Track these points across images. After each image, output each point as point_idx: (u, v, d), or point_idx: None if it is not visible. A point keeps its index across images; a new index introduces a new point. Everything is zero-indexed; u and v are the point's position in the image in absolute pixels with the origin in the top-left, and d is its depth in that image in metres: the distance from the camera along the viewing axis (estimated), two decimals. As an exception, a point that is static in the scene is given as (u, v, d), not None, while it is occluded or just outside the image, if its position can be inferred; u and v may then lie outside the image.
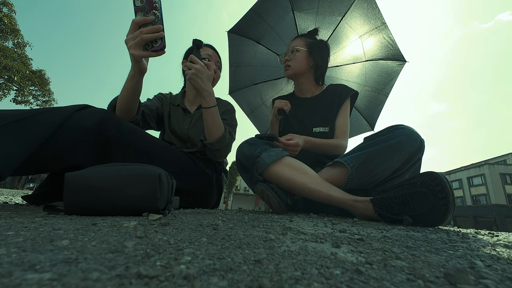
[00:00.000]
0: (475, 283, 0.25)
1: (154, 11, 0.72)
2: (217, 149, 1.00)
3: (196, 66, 0.90)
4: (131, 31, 0.74)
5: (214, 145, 0.99)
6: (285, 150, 0.96)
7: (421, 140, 0.83)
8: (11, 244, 0.28)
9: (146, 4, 0.71)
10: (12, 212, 0.55)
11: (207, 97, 0.93)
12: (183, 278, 0.21)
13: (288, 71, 1.28)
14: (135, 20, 0.72)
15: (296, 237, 0.42)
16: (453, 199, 0.63)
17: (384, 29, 1.59)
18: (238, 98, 2.08)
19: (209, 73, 0.93)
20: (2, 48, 10.38)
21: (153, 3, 0.71)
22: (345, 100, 1.20)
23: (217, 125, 0.97)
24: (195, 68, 0.90)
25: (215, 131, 0.98)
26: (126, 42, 0.75)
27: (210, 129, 0.97)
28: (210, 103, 0.93)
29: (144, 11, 0.73)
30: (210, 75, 0.94)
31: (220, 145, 0.99)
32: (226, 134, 1.02)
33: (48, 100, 12.59)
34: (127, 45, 0.74)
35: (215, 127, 0.97)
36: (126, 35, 0.75)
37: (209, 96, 0.93)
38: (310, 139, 1.09)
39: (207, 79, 0.93)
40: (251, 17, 1.69)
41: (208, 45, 1.22)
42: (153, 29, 0.72)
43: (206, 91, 0.92)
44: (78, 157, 0.73)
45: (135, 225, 0.43)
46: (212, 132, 0.97)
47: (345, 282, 0.23)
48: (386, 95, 1.85)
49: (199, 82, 0.91)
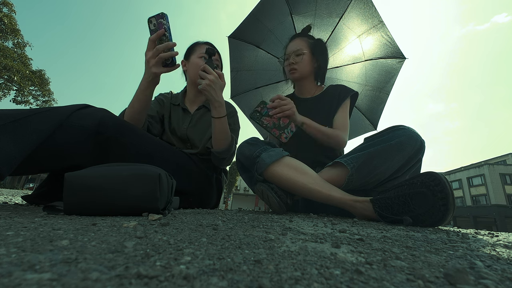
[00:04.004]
0: (475, 283, 0.25)
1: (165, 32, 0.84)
2: (223, 158, 1.03)
3: (210, 77, 0.90)
4: (150, 49, 0.83)
5: (221, 154, 1.01)
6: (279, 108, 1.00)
7: (421, 140, 0.83)
8: (11, 244, 0.28)
9: (158, 26, 0.84)
10: (12, 212, 0.55)
11: (218, 108, 0.93)
12: (183, 278, 0.21)
13: (295, 74, 1.27)
14: (151, 37, 0.83)
15: (296, 237, 0.42)
16: (453, 199, 0.63)
17: (382, 27, 1.59)
18: (240, 102, 2.08)
19: (222, 84, 0.94)
20: (2, 48, 10.39)
21: (163, 25, 0.83)
22: (345, 100, 1.20)
23: (226, 134, 0.98)
24: (209, 79, 0.90)
25: (223, 141, 0.99)
26: (148, 61, 0.83)
27: (219, 139, 0.98)
28: (221, 113, 0.94)
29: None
30: (223, 85, 0.94)
31: (227, 154, 1.02)
32: (233, 144, 1.03)
33: (48, 100, 12.59)
34: (149, 64, 0.83)
35: (224, 137, 0.98)
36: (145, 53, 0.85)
37: (220, 106, 0.93)
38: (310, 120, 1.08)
39: (220, 90, 0.93)
40: (250, 22, 1.70)
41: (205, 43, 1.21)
42: (167, 45, 0.82)
43: (218, 102, 0.92)
44: (77, 157, 0.73)
45: (135, 225, 0.43)
46: (221, 141, 0.98)
47: (345, 282, 0.23)
48: (387, 93, 1.85)
49: (212, 93, 0.91)
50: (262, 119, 1.03)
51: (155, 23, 0.83)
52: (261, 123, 1.03)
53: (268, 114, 1.03)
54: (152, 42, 0.83)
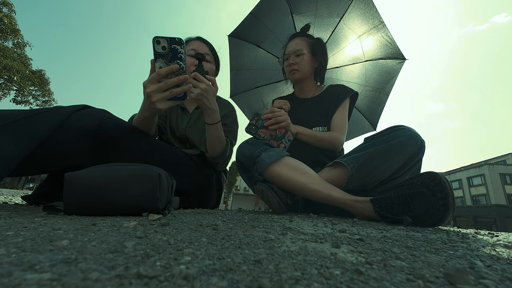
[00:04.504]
0: (475, 283, 0.25)
1: (179, 61, 0.69)
2: (217, 163, 1.04)
3: (202, 85, 0.86)
4: (154, 81, 0.70)
5: (215, 159, 1.01)
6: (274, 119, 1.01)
7: (421, 140, 0.83)
8: (11, 244, 0.28)
9: (170, 52, 0.68)
10: (11, 212, 0.55)
11: (211, 115, 0.92)
12: (183, 278, 0.21)
13: (295, 75, 1.26)
14: (160, 72, 0.69)
15: (296, 237, 0.42)
16: (453, 199, 0.63)
17: (382, 28, 1.59)
18: (240, 102, 2.08)
19: (214, 90, 0.91)
20: (2, 48, 10.39)
21: (178, 53, 0.68)
22: (344, 100, 1.20)
23: (220, 140, 0.98)
24: (200, 88, 0.86)
25: (217, 147, 0.99)
26: (150, 95, 0.71)
27: (212, 144, 0.98)
28: (214, 120, 0.93)
29: (166, 59, 0.69)
30: (216, 91, 0.92)
31: (221, 159, 1.02)
32: (227, 148, 1.03)
33: (48, 100, 12.60)
34: (151, 98, 0.71)
35: (217, 142, 0.98)
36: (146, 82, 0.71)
37: (213, 113, 0.92)
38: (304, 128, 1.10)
39: (213, 96, 0.90)
40: (250, 21, 1.70)
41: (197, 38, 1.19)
42: (179, 80, 0.70)
43: (211, 109, 0.91)
44: (77, 157, 0.73)
45: (135, 225, 0.43)
46: (214, 147, 0.99)
47: (345, 282, 0.23)
48: (387, 94, 1.85)
49: (205, 102, 0.88)
50: (258, 132, 1.03)
51: (166, 47, 0.68)
52: (257, 136, 1.03)
53: (264, 125, 1.03)
54: (159, 75, 0.70)
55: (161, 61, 0.70)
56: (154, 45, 0.67)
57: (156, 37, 0.66)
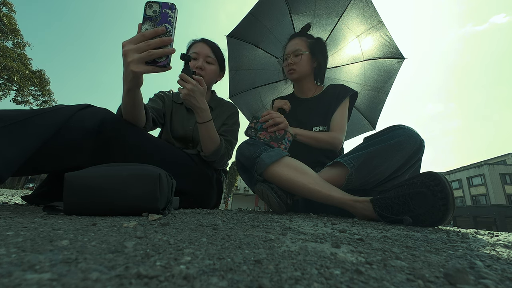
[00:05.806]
0: (475, 283, 0.25)
1: (167, 25, 0.65)
2: (212, 161, 1.04)
3: (188, 85, 0.87)
4: (135, 41, 0.64)
5: (209, 157, 1.02)
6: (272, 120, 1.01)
7: (421, 140, 0.83)
8: (11, 244, 0.28)
9: (159, 15, 0.65)
10: (11, 212, 0.55)
11: (201, 113, 0.92)
12: (183, 278, 0.21)
13: (293, 75, 1.27)
14: (145, 33, 0.64)
15: (296, 237, 0.42)
16: (453, 199, 0.63)
17: (381, 27, 1.60)
18: (239, 102, 2.08)
19: (202, 89, 0.91)
20: (2, 48, 10.39)
21: (168, 17, 0.64)
22: (344, 99, 1.21)
23: (212, 139, 0.99)
24: (187, 88, 0.87)
25: (210, 145, 0.99)
26: (126, 54, 0.64)
27: (205, 143, 0.99)
28: (204, 119, 0.93)
29: (154, 22, 0.66)
30: (203, 91, 0.91)
31: (215, 157, 1.03)
32: (221, 147, 1.04)
33: (48, 100, 12.60)
34: (127, 58, 0.64)
35: (210, 141, 0.99)
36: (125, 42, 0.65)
37: (203, 112, 0.92)
38: (302, 129, 1.11)
39: (201, 96, 0.90)
40: (249, 21, 1.70)
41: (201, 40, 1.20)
42: (162, 41, 0.64)
43: (200, 108, 0.91)
44: (79, 158, 0.73)
45: (135, 225, 0.43)
46: (207, 146, 0.99)
47: (345, 282, 0.23)
48: (386, 93, 1.85)
49: (193, 101, 0.89)
50: (258, 135, 1.04)
51: (157, 11, 0.64)
52: (257, 138, 1.04)
53: (263, 128, 1.04)
54: (142, 36, 0.64)
55: (149, 23, 0.65)
56: (146, 9, 0.64)
57: (148, 1, 0.64)
